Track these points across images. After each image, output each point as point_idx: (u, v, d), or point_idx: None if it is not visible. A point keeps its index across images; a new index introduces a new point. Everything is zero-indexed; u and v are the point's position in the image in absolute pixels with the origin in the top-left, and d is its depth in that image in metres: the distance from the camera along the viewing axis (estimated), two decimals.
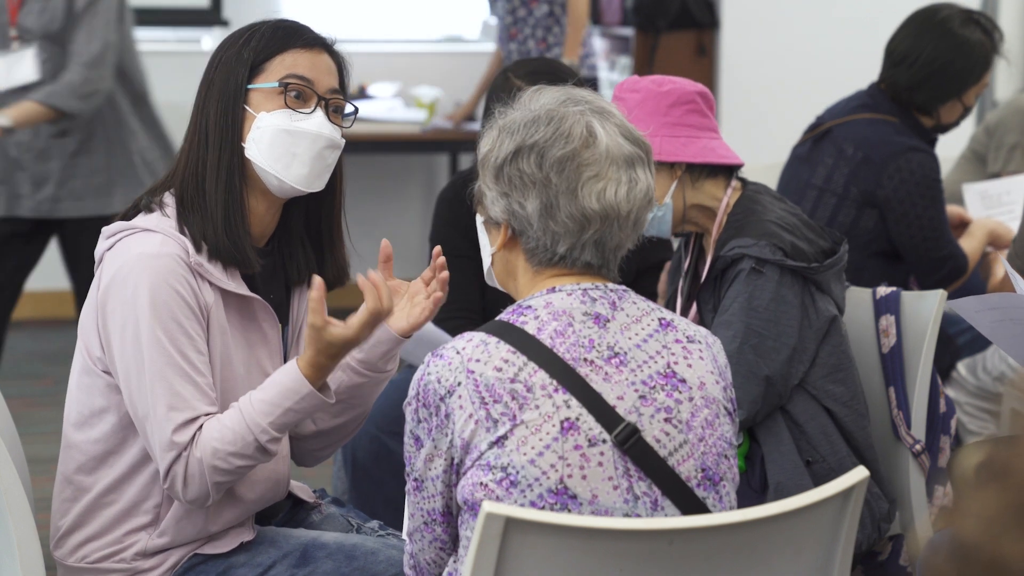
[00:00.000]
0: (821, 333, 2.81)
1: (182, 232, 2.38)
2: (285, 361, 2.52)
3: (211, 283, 2.38)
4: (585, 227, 2.07)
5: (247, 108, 2.42)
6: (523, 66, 3.44)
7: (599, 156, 2.07)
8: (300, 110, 2.42)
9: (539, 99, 2.14)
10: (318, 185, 2.45)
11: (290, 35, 2.46)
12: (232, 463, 2.32)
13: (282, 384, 2.33)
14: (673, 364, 2.08)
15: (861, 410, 2.87)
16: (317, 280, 2.30)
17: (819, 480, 2.79)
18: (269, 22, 2.50)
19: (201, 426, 2.32)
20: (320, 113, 2.43)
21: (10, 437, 2.50)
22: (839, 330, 2.85)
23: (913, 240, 3.72)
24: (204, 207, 2.40)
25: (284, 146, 2.41)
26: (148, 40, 6.78)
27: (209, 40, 6.78)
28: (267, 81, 2.43)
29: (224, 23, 6.73)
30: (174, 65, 6.65)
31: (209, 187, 2.41)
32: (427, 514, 2.10)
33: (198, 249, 2.37)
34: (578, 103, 2.12)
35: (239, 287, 2.40)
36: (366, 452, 3.43)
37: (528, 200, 2.08)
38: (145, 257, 2.33)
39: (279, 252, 2.53)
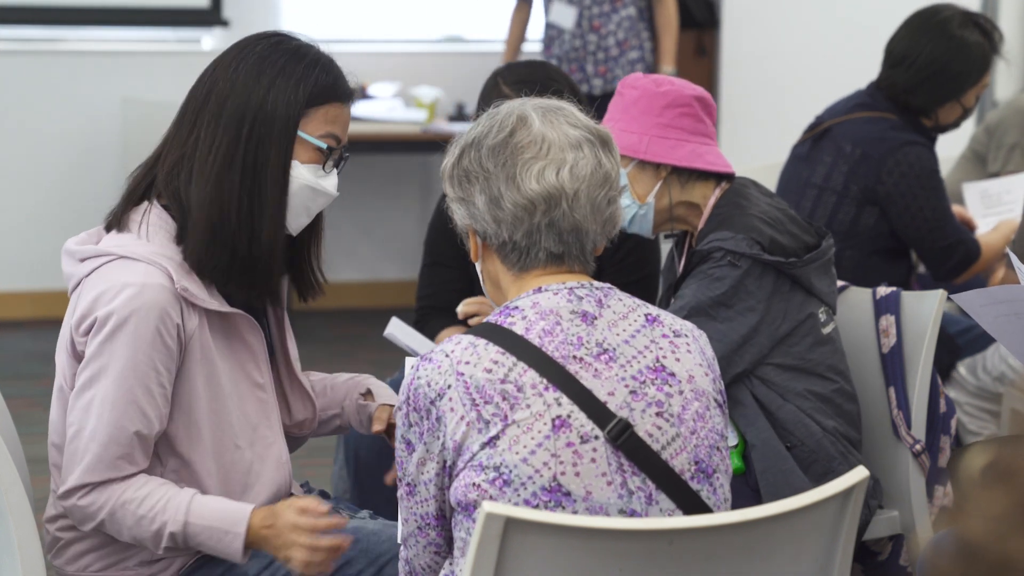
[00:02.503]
0: (782, 333, 2.81)
1: (168, 246, 2.36)
2: (271, 365, 2.52)
3: (194, 305, 2.35)
4: (532, 211, 2.09)
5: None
6: (513, 72, 3.44)
7: (533, 138, 2.09)
8: (326, 167, 2.42)
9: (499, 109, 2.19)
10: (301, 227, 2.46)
11: (334, 84, 2.42)
12: (126, 520, 2.31)
13: (226, 510, 2.32)
14: (662, 358, 2.08)
15: (831, 410, 2.87)
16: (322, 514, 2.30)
17: (801, 464, 2.81)
18: (318, 59, 2.41)
19: (128, 476, 2.32)
20: (334, 170, 2.44)
21: (10, 437, 2.50)
22: (814, 329, 2.84)
23: (919, 232, 3.73)
24: (226, 240, 2.35)
25: (303, 200, 2.41)
26: (148, 40, 6.79)
27: (209, 40, 6.78)
28: (312, 133, 2.40)
29: (224, 23, 6.73)
30: (174, 65, 6.64)
31: (236, 217, 2.36)
32: (420, 518, 2.09)
33: (199, 273, 2.36)
34: (525, 103, 2.15)
35: (221, 304, 2.38)
36: (369, 451, 3.43)
37: (476, 196, 2.11)
38: (130, 288, 2.30)
39: None
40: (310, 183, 2.40)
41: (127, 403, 2.30)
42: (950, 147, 4.89)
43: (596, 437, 2.01)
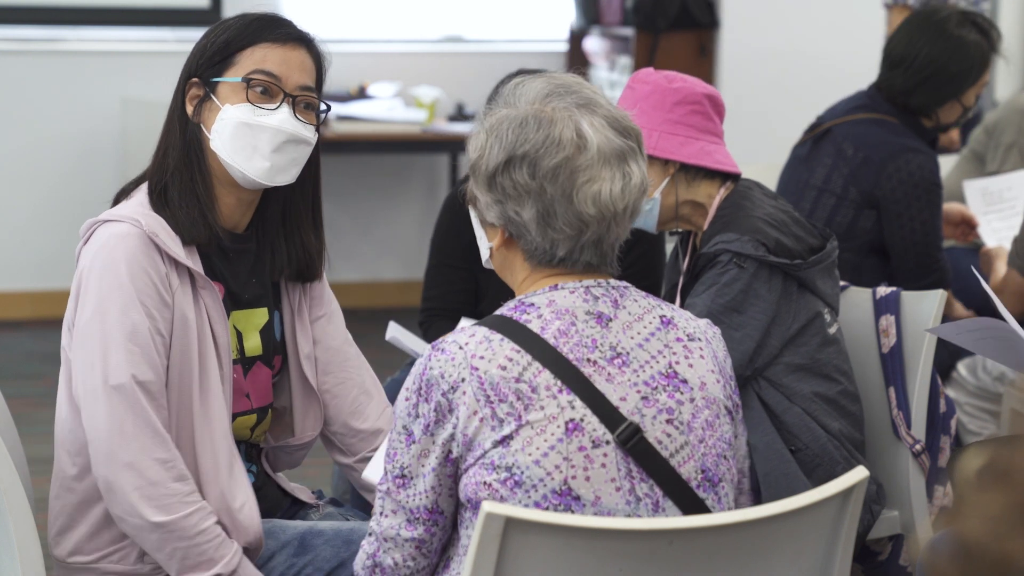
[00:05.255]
0: (791, 333, 2.81)
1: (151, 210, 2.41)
2: (265, 339, 2.53)
3: (178, 265, 2.38)
4: (583, 231, 2.06)
5: (214, 99, 2.43)
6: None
7: (591, 159, 2.05)
8: (264, 106, 2.42)
9: (523, 93, 2.11)
10: (282, 179, 2.45)
11: (264, 27, 2.45)
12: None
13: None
14: (675, 364, 2.07)
15: (836, 412, 2.87)
16: None
17: (805, 468, 2.80)
18: (248, 14, 2.49)
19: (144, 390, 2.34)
20: (285, 109, 2.42)
21: (10, 437, 2.50)
22: (821, 329, 2.84)
23: (904, 243, 3.72)
24: (167, 187, 2.43)
25: (245, 139, 2.41)
26: (148, 40, 6.79)
27: None
28: (234, 75, 2.43)
29: None
30: (174, 65, 6.63)
31: (172, 167, 2.44)
32: (411, 512, 2.06)
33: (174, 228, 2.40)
34: (563, 96, 2.09)
35: (184, 258, 2.39)
36: None
37: (524, 209, 2.07)
38: (115, 238, 2.35)
39: (258, 241, 2.53)
40: (244, 120, 2.41)
41: (125, 334, 2.33)
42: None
43: (607, 442, 2.00)
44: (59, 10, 6.70)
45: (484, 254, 2.19)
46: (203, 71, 2.45)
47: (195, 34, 2.38)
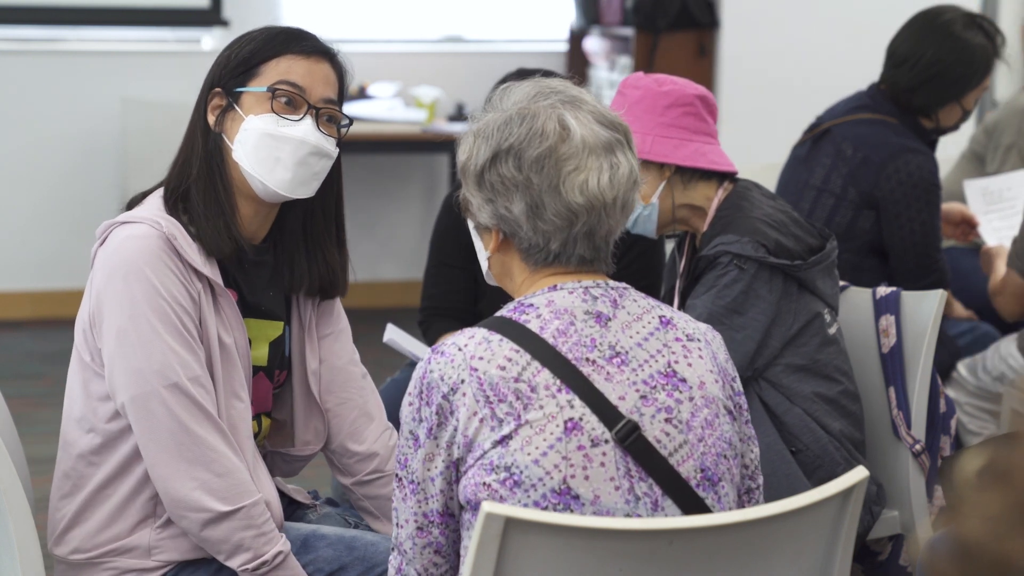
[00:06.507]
0: (791, 333, 2.81)
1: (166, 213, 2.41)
2: (273, 352, 2.53)
3: (196, 273, 2.38)
4: (573, 221, 2.07)
5: (237, 110, 2.43)
6: None
7: (576, 148, 2.06)
8: (288, 116, 2.42)
9: (510, 96, 2.13)
10: (303, 192, 2.45)
11: (289, 40, 2.46)
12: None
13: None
14: (673, 363, 2.07)
15: (837, 412, 2.87)
16: None
17: (806, 468, 2.80)
18: (273, 27, 2.50)
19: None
20: (309, 121, 2.43)
21: (10, 437, 2.50)
22: (821, 329, 2.84)
23: (903, 243, 3.72)
24: (187, 196, 2.43)
25: (268, 150, 2.41)
26: (148, 40, 6.79)
27: (209, 40, 6.78)
28: (259, 85, 2.43)
29: (224, 23, 6.73)
30: (174, 65, 6.65)
31: (194, 175, 2.43)
32: (423, 516, 2.07)
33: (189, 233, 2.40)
34: (548, 96, 2.11)
35: (202, 266, 2.40)
36: None
37: (513, 203, 2.08)
38: (134, 239, 2.35)
39: (277, 254, 2.53)
40: (268, 131, 2.41)
41: (162, 329, 2.33)
42: (950, 147, 4.89)
43: (606, 441, 2.00)
44: (59, 10, 6.70)
45: (484, 266, 2.20)
46: (226, 81, 2.45)
47: (195, 34, 2.39)
